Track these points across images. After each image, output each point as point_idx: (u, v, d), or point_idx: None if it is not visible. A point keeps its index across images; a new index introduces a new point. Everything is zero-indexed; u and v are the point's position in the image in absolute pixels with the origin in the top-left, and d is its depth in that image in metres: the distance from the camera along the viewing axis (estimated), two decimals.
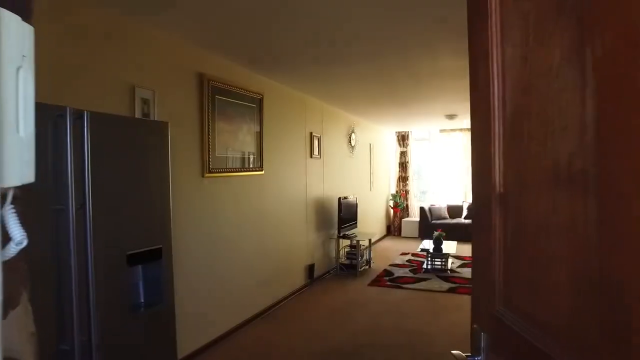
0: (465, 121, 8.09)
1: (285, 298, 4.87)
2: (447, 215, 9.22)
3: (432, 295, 5.02)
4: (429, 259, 6.18)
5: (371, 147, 8.58)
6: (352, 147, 7.30)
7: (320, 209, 5.95)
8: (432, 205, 9.37)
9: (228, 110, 3.84)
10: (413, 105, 6.37)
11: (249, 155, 4.19)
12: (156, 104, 2.94)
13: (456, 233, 8.70)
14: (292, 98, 5.15)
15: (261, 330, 3.99)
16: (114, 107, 2.59)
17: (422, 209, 9.15)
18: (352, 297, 5.02)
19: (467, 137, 9.58)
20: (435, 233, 6.26)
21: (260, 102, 4.35)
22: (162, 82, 3.04)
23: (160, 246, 2.24)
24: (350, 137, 7.18)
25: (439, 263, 6.14)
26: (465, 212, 9.10)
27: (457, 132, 9.65)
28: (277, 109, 4.74)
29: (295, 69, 4.23)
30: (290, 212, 5.07)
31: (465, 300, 4.78)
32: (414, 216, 10.07)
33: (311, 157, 5.64)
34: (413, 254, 7.40)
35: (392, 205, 9.92)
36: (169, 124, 2.38)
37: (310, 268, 5.52)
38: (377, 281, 5.68)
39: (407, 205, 10.12)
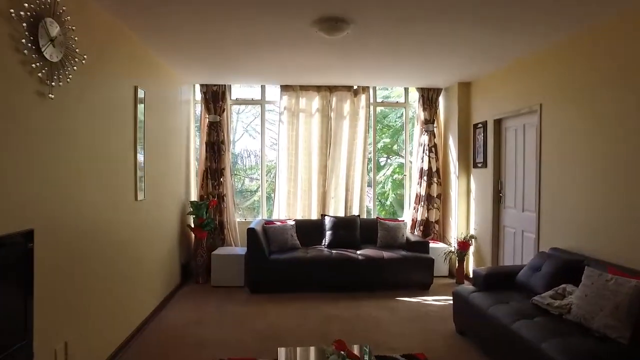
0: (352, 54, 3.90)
1: None
2: (298, 242, 5.03)
3: None
4: None
5: (139, 97, 3.62)
6: (50, 67, 2.25)
7: None
8: (268, 224, 5.02)
9: None
10: None
11: None
12: None
13: (319, 274, 4.63)
14: None
15: None
16: None
17: (251, 233, 4.67)
18: None
19: (333, 100, 5.59)
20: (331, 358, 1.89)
21: None
22: None
23: None
24: (38, 29, 2.11)
25: None
26: (329, 235, 5.07)
27: (313, 93, 5.54)
28: None
29: None
30: None
31: None
32: (236, 244, 5.54)
33: None
34: None
35: (192, 225, 5.17)
36: None
37: None
38: None
39: (221, 224, 5.49)
